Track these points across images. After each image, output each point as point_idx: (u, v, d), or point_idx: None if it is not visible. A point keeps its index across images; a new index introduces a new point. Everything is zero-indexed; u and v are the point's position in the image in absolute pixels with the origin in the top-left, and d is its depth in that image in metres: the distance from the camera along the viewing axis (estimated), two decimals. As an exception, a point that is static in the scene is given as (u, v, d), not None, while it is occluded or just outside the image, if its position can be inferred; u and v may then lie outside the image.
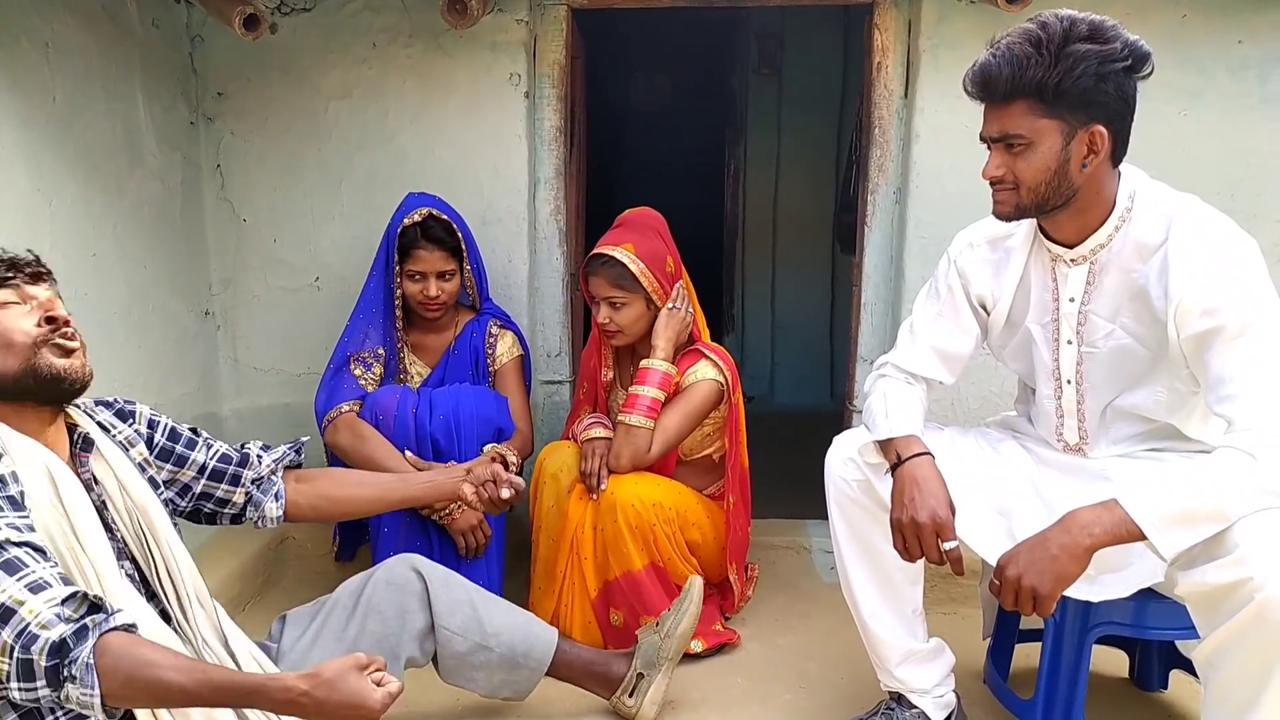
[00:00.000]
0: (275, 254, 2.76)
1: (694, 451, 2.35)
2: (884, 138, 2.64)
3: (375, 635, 1.74)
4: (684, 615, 1.93)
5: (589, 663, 1.94)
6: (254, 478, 1.70)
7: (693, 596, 1.95)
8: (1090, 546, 1.38)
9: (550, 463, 2.30)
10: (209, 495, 1.67)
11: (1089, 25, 1.43)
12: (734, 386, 2.28)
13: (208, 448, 1.67)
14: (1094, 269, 1.61)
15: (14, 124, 1.96)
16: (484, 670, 1.83)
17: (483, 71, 2.65)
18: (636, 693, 1.92)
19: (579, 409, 2.48)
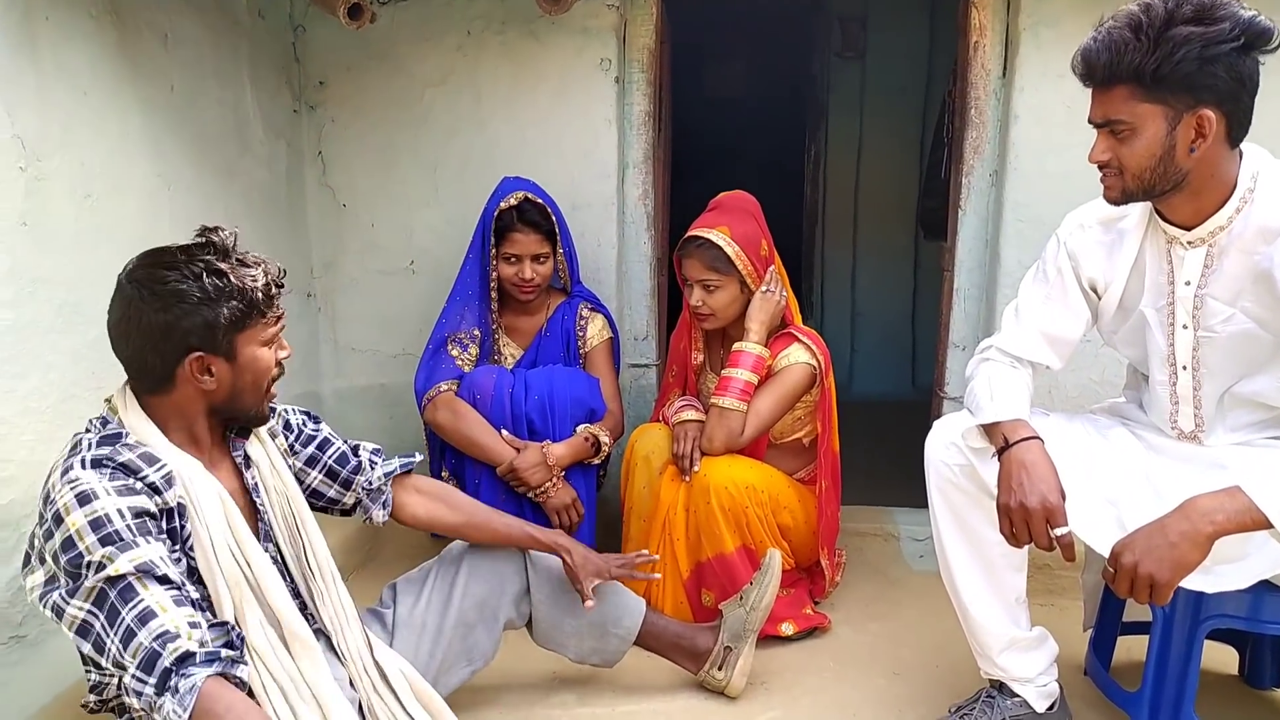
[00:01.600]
0: (373, 238, 2.84)
1: (785, 435, 2.35)
2: (980, 119, 2.59)
3: (476, 598, 1.80)
4: (767, 588, 1.97)
5: (676, 635, 1.97)
6: (365, 484, 1.75)
7: (773, 569, 1.99)
8: (1212, 534, 1.34)
9: (642, 445, 2.32)
10: (321, 494, 1.74)
11: (1195, 6, 1.37)
12: (826, 370, 2.27)
13: (329, 446, 1.72)
14: (1212, 252, 1.56)
15: (137, 111, 2.05)
16: (574, 636, 1.88)
17: (573, 57, 2.68)
18: (725, 665, 1.95)
19: (668, 392, 2.50)
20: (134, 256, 1.40)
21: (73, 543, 1.25)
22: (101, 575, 1.24)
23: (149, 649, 1.22)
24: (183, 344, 1.37)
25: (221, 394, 1.43)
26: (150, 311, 1.35)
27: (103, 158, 1.94)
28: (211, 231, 1.42)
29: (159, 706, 1.21)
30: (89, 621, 1.25)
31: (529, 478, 2.22)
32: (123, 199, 2.00)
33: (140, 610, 1.23)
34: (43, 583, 1.30)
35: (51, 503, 1.30)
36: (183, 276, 1.35)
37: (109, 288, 1.93)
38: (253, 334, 1.42)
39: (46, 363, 1.80)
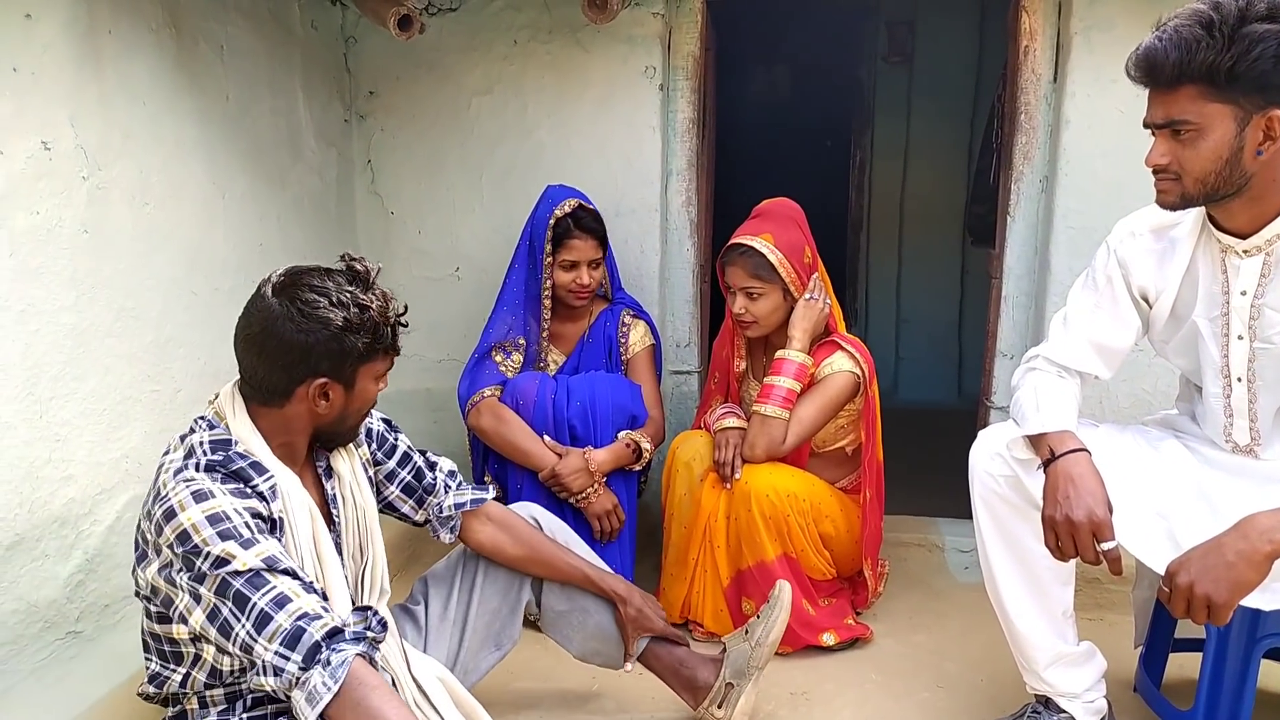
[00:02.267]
0: (419, 245, 2.88)
1: (827, 444, 2.33)
2: (1030, 124, 2.55)
3: (499, 585, 1.82)
4: (774, 624, 1.85)
5: (679, 660, 1.88)
6: (437, 508, 1.78)
7: (782, 603, 1.87)
8: (1270, 553, 1.31)
9: (683, 451, 2.32)
10: (395, 508, 1.78)
11: (1268, 4, 1.34)
12: (870, 379, 2.25)
13: (408, 461, 1.75)
14: (1269, 260, 1.52)
15: (193, 120, 2.11)
16: (580, 632, 1.86)
17: (618, 65, 2.70)
18: (726, 703, 1.83)
19: (709, 399, 2.50)
20: (278, 271, 1.44)
21: (188, 535, 1.29)
22: (226, 569, 1.28)
23: (292, 628, 1.26)
24: (314, 368, 1.41)
25: (329, 418, 1.48)
26: (293, 330, 1.38)
27: (160, 166, 2.00)
28: (355, 260, 1.46)
29: (304, 681, 1.25)
30: (218, 607, 1.29)
31: (570, 483, 2.24)
32: (178, 206, 2.06)
33: (275, 595, 1.28)
34: (157, 570, 1.34)
35: (163, 499, 1.33)
36: (331, 304, 1.39)
37: (164, 293, 2.01)
38: (372, 368, 1.48)
39: (104, 365, 1.85)
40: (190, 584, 1.30)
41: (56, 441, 1.74)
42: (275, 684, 1.27)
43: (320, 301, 1.38)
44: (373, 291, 1.44)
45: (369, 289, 1.44)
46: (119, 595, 1.90)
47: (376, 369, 1.49)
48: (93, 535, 1.83)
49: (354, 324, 1.39)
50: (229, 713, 1.43)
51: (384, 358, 1.49)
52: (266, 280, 1.43)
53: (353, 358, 1.42)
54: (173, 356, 2.05)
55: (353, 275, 1.44)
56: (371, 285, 1.45)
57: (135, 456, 1.94)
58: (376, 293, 1.45)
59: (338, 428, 1.52)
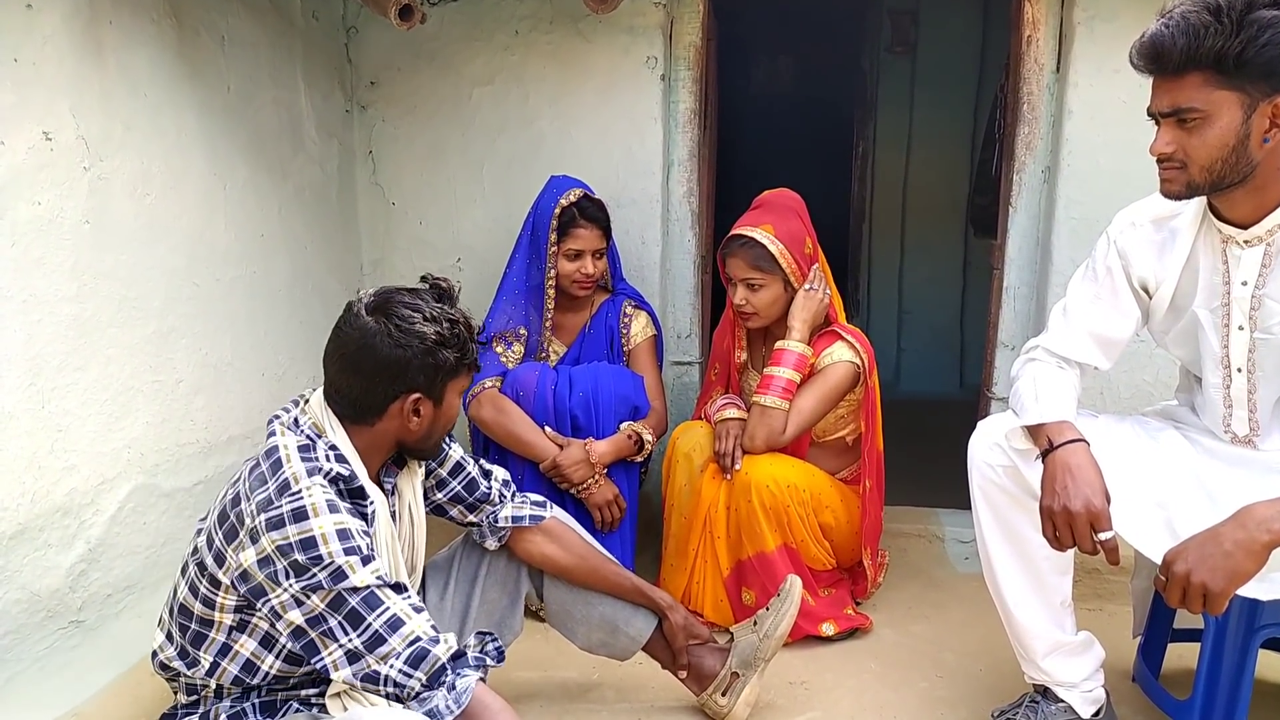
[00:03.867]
0: (421, 235, 2.88)
1: (827, 434, 2.33)
2: (1033, 114, 2.54)
3: (498, 576, 1.82)
4: (783, 616, 1.86)
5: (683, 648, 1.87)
6: (490, 517, 1.78)
7: (792, 597, 1.88)
8: (1269, 543, 1.31)
9: (683, 442, 2.33)
10: (443, 511, 1.79)
11: None
12: (870, 369, 2.25)
13: (460, 471, 1.75)
14: (1270, 250, 1.52)
15: (194, 111, 2.11)
16: (584, 625, 1.85)
17: (620, 55, 2.69)
18: (730, 692, 1.84)
19: (710, 390, 2.50)
20: (369, 291, 1.48)
21: (315, 543, 1.32)
22: (344, 584, 1.32)
23: (415, 650, 1.33)
24: (410, 383, 1.44)
25: (417, 434, 1.50)
26: (390, 346, 1.41)
27: (161, 157, 2.00)
28: (439, 280, 1.50)
29: (425, 698, 1.32)
30: (323, 617, 1.33)
31: (571, 474, 2.24)
32: (180, 197, 2.06)
33: (390, 617, 1.34)
34: (256, 561, 1.34)
35: (294, 496, 1.35)
36: (425, 320, 1.42)
37: (165, 283, 2.01)
38: (458, 383, 1.51)
39: (106, 356, 1.86)
40: (300, 590, 1.33)
41: (58, 431, 1.75)
42: (391, 692, 1.33)
43: (415, 318, 1.42)
44: (457, 308, 1.48)
45: (454, 305, 1.48)
46: (121, 585, 1.91)
47: (461, 384, 1.52)
48: (95, 525, 1.84)
49: (446, 339, 1.44)
50: (243, 698, 1.46)
51: (468, 373, 1.52)
52: (358, 300, 1.46)
53: (444, 372, 1.46)
54: (174, 347, 2.06)
55: (439, 293, 1.48)
56: (455, 301, 1.49)
57: (137, 446, 1.95)
58: (460, 309, 1.49)
59: (423, 445, 1.54)
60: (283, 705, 1.45)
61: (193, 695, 1.48)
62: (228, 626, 1.42)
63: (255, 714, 1.45)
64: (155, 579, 2.00)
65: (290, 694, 1.47)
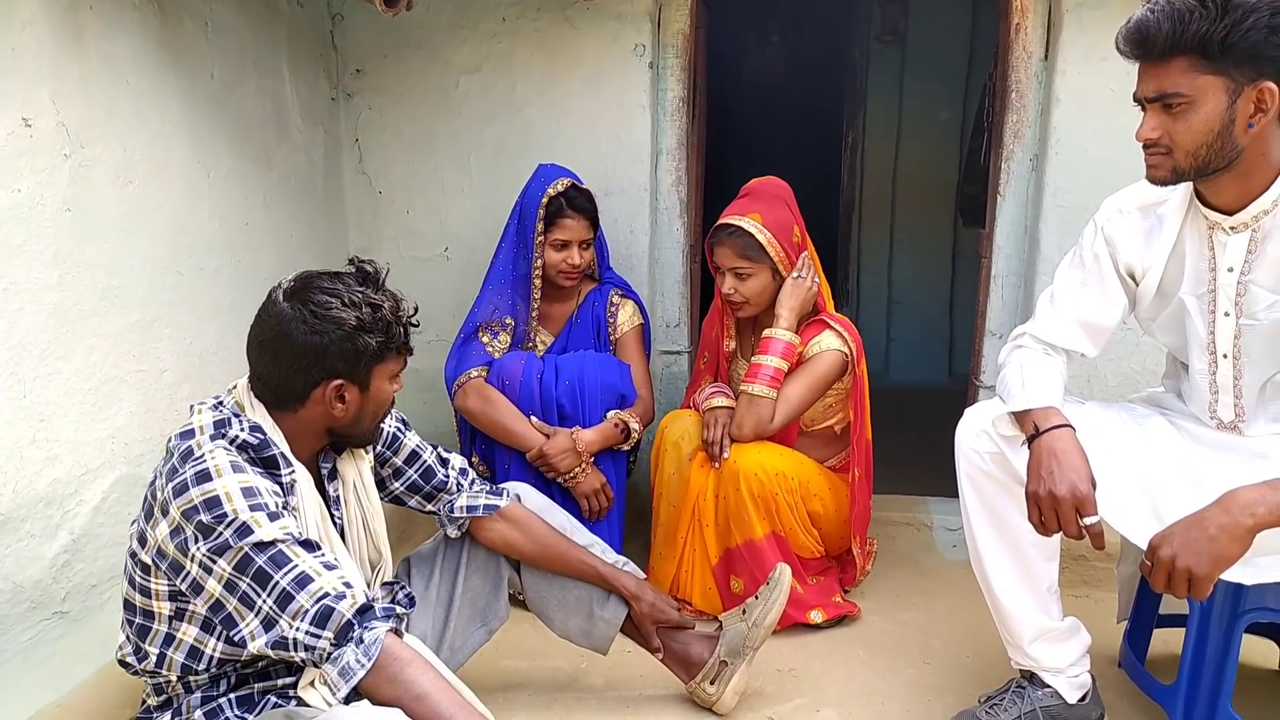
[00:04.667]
0: (408, 224, 2.86)
1: (815, 423, 2.33)
2: (1021, 102, 2.54)
3: (479, 563, 1.81)
4: (772, 605, 1.85)
5: (673, 636, 1.88)
6: (447, 507, 1.78)
7: (781, 585, 1.87)
8: (1253, 527, 1.31)
9: (672, 430, 2.33)
10: (402, 501, 1.79)
11: None
12: (858, 358, 2.25)
13: (416, 459, 1.74)
14: (1256, 236, 1.52)
15: (178, 99, 2.09)
16: (560, 610, 1.84)
17: (608, 43, 2.68)
18: (719, 680, 1.84)
19: (699, 379, 2.50)
20: (289, 277, 1.45)
21: (219, 502, 1.30)
22: (250, 539, 1.29)
23: (320, 607, 1.29)
24: (329, 369, 1.41)
25: (345, 421, 1.48)
26: (307, 333, 1.39)
27: (143, 145, 1.98)
28: (364, 263, 1.47)
29: (336, 657, 1.29)
30: (234, 581, 1.30)
31: (558, 463, 2.24)
32: (163, 185, 2.04)
33: (297, 574, 1.30)
34: (168, 533, 1.33)
35: (197, 460, 1.33)
36: (343, 304, 1.39)
37: (149, 272, 2.00)
38: (386, 368, 1.48)
39: (89, 345, 1.84)
40: (206, 555, 1.30)
41: (41, 421, 1.74)
42: (304, 657, 1.30)
43: (332, 303, 1.39)
44: (384, 291, 1.46)
45: (379, 289, 1.45)
46: (105, 575, 1.89)
47: (390, 369, 1.49)
48: (79, 515, 1.83)
49: (367, 324, 1.40)
50: (213, 689, 1.43)
51: (397, 357, 1.49)
52: (278, 286, 1.44)
53: (367, 357, 1.42)
54: (158, 336, 2.04)
55: (363, 276, 1.45)
56: (381, 285, 1.46)
57: (121, 436, 1.94)
58: (387, 293, 1.46)
59: (353, 430, 1.51)
60: (260, 698, 1.43)
61: (162, 694, 1.46)
62: (167, 616, 1.39)
63: (232, 708, 1.42)
64: (140, 570, 1.99)
65: (266, 685, 1.44)
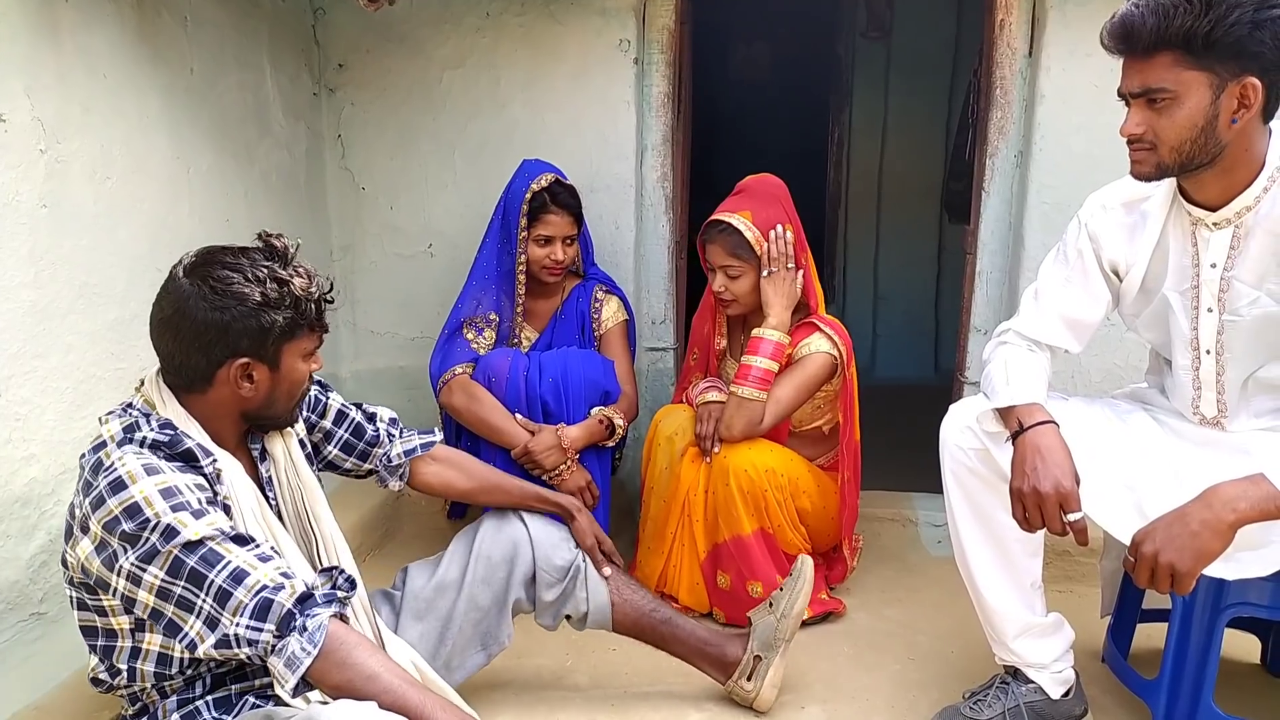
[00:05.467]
0: (391, 221, 2.85)
1: (804, 423, 2.33)
2: (1005, 99, 2.54)
3: (484, 578, 1.79)
4: (798, 595, 1.86)
5: (703, 641, 1.87)
6: (383, 458, 1.77)
7: (805, 575, 1.88)
8: (1234, 522, 1.32)
9: (666, 425, 2.32)
10: (337, 466, 1.77)
11: None
12: (848, 361, 2.23)
13: (344, 419, 1.73)
14: (1239, 233, 1.53)
15: (157, 94, 2.06)
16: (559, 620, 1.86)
17: (592, 38, 2.67)
18: (755, 676, 1.85)
19: (689, 375, 2.49)
20: (190, 253, 1.39)
21: (139, 508, 1.25)
22: (177, 541, 1.24)
23: (258, 600, 1.25)
24: (233, 347, 1.35)
25: (257, 401, 1.42)
26: (207, 310, 1.32)
27: (122, 140, 1.95)
28: (272, 237, 1.41)
29: (280, 649, 1.25)
30: (167, 587, 1.26)
31: (543, 460, 2.23)
32: (142, 181, 2.02)
33: (232, 570, 1.26)
34: (92, 549, 1.28)
35: (108, 470, 1.28)
36: (245, 280, 1.33)
37: (128, 269, 1.97)
38: (298, 345, 1.41)
39: (66, 343, 1.82)
40: (134, 565, 1.25)
41: (17, 421, 1.71)
42: (249, 653, 1.26)
43: (234, 278, 1.33)
44: (293, 267, 1.39)
45: (288, 265, 1.38)
46: (85, 575, 1.87)
47: (303, 347, 1.42)
48: (56, 515, 1.80)
49: (272, 299, 1.34)
50: (188, 692, 1.41)
51: (310, 335, 1.42)
52: (178, 262, 1.37)
53: (275, 335, 1.36)
54: (137, 334, 2.01)
55: (270, 251, 1.38)
56: (291, 260, 1.39)
57: (100, 435, 1.91)
58: (298, 269, 1.39)
59: (267, 411, 1.45)
60: (238, 700, 1.40)
61: (137, 702, 1.42)
62: (129, 630, 1.35)
63: (210, 710, 1.39)
64: (120, 570, 1.97)
65: (244, 686, 1.42)
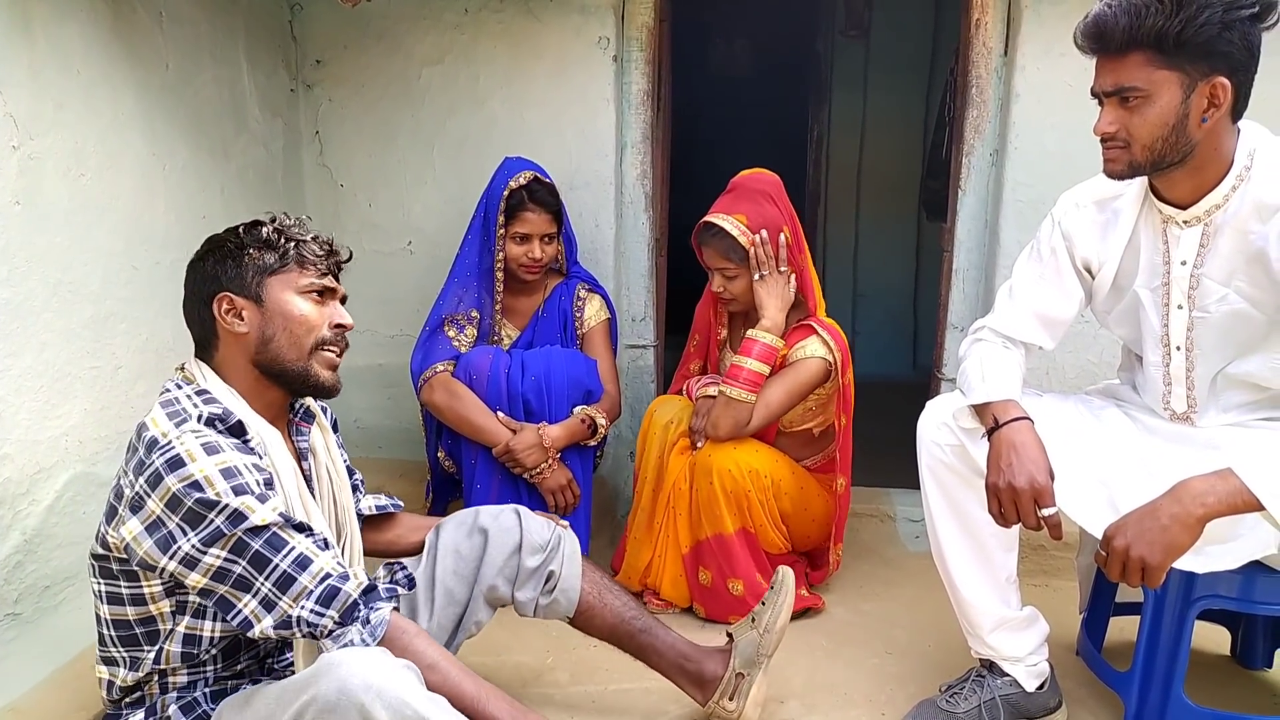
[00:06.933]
0: (370, 218, 2.83)
1: (795, 424, 2.32)
2: (981, 97, 2.57)
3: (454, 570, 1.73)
4: (781, 609, 1.80)
5: (682, 655, 1.78)
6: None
7: (787, 587, 1.82)
8: (1203, 517, 1.34)
9: (661, 414, 2.32)
10: None
11: None
12: (844, 367, 2.21)
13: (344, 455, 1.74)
14: (1208, 230, 1.55)
15: (131, 90, 2.05)
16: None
17: (571, 35, 2.66)
18: (737, 695, 1.75)
19: (689, 360, 2.48)
20: None
21: (200, 487, 1.27)
22: (244, 526, 1.28)
23: (325, 587, 1.31)
24: (214, 286, 1.42)
25: (254, 340, 1.43)
26: (195, 268, 1.46)
27: (96, 137, 1.93)
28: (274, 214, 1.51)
29: (339, 635, 1.32)
30: (227, 568, 1.29)
31: (525, 459, 2.22)
32: (117, 178, 2.00)
33: (296, 557, 1.31)
34: (143, 529, 1.29)
35: (165, 449, 1.28)
36: (225, 234, 1.46)
37: (103, 266, 1.96)
38: (284, 279, 1.44)
39: (41, 341, 1.80)
40: (195, 547, 1.27)
41: (-10, 420, 1.70)
42: (305, 633, 1.32)
43: (216, 237, 1.47)
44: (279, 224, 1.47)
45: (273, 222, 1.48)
46: (59, 577, 1.86)
47: (292, 282, 1.44)
48: (31, 515, 1.79)
49: (246, 241, 1.43)
50: (190, 691, 1.41)
51: (297, 270, 1.45)
52: None
53: (252, 270, 1.43)
54: (113, 332, 2.00)
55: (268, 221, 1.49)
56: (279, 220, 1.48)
57: (75, 435, 1.90)
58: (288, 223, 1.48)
59: (273, 355, 1.43)
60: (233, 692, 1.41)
61: (134, 693, 1.43)
62: (169, 613, 1.37)
63: (206, 701, 1.40)
64: (96, 570, 1.95)
65: (239, 683, 1.44)
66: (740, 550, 2.18)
